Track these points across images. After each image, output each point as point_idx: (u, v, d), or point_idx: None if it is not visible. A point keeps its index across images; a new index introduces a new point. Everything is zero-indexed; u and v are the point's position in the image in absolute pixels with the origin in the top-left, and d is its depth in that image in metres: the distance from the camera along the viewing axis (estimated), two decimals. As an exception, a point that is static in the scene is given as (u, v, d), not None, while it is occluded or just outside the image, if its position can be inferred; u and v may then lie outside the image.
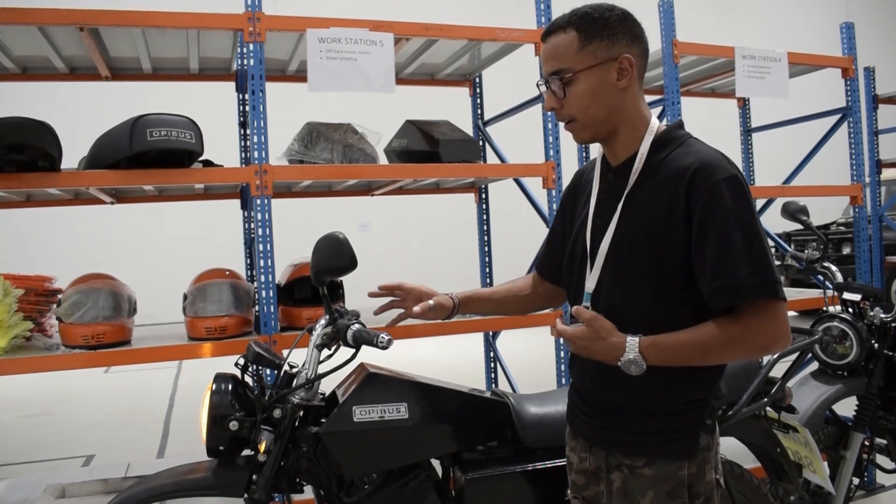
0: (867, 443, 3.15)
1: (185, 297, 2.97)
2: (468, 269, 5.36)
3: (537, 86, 1.71)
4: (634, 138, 1.61)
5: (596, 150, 1.76)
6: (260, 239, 2.84)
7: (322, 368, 1.97)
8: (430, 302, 1.91)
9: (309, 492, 2.09)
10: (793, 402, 2.47)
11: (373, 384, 2.03)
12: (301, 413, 1.97)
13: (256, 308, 3.01)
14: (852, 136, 4.14)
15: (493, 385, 4.37)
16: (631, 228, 1.57)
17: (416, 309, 1.90)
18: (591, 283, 1.62)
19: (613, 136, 1.62)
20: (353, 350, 1.93)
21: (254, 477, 1.91)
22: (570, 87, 1.56)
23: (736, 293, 1.44)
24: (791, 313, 9.60)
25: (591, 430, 1.67)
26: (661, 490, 1.54)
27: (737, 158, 5.07)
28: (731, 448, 2.42)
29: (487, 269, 4.29)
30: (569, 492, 1.79)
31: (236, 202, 3.92)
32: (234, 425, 1.91)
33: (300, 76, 3.81)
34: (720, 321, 1.47)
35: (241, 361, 2.02)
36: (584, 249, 1.66)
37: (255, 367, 2.04)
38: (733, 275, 1.43)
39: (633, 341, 1.49)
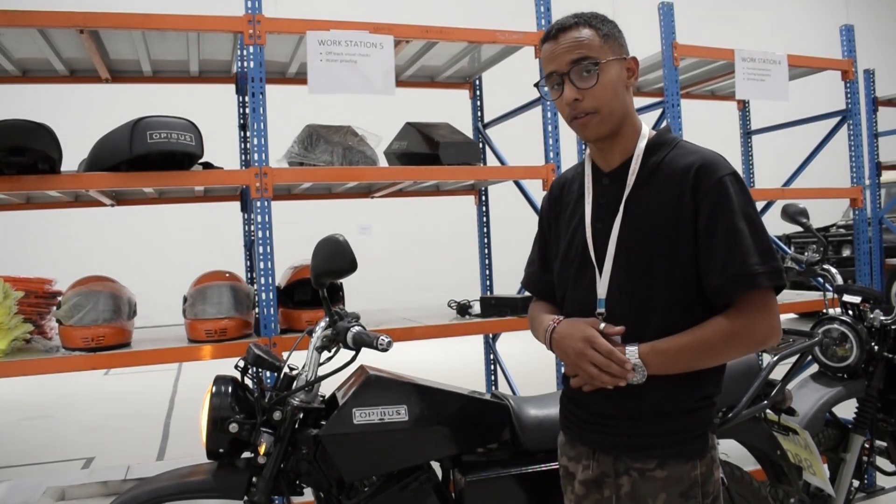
0: (867, 445, 3.15)
1: (185, 299, 2.97)
2: (468, 271, 5.36)
3: (537, 86, 1.70)
4: (631, 141, 1.63)
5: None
6: (260, 241, 2.84)
7: (322, 371, 1.97)
8: None
9: (309, 494, 2.09)
10: (793, 404, 2.47)
11: (373, 386, 2.03)
12: (301, 415, 1.97)
13: (256, 310, 3.01)
14: (852, 138, 4.15)
15: (493, 387, 4.37)
16: (637, 231, 1.57)
17: None
18: (602, 289, 1.61)
19: (617, 135, 1.62)
20: (353, 352, 1.93)
21: (254, 479, 1.92)
22: (592, 75, 1.55)
23: (749, 281, 1.47)
24: (791, 315, 9.59)
25: (595, 438, 1.64)
26: (675, 491, 1.53)
27: (737, 161, 5.08)
28: (731, 450, 2.42)
29: (487, 272, 4.30)
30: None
31: (236, 204, 3.92)
32: (234, 428, 1.91)
33: (300, 78, 3.81)
34: (719, 320, 1.50)
35: (241, 364, 2.02)
36: (583, 255, 1.65)
37: (254, 369, 2.04)
38: (745, 264, 1.47)
39: (632, 349, 1.50)
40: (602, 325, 1.55)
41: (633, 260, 1.57)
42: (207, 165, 2.98)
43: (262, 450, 1.90)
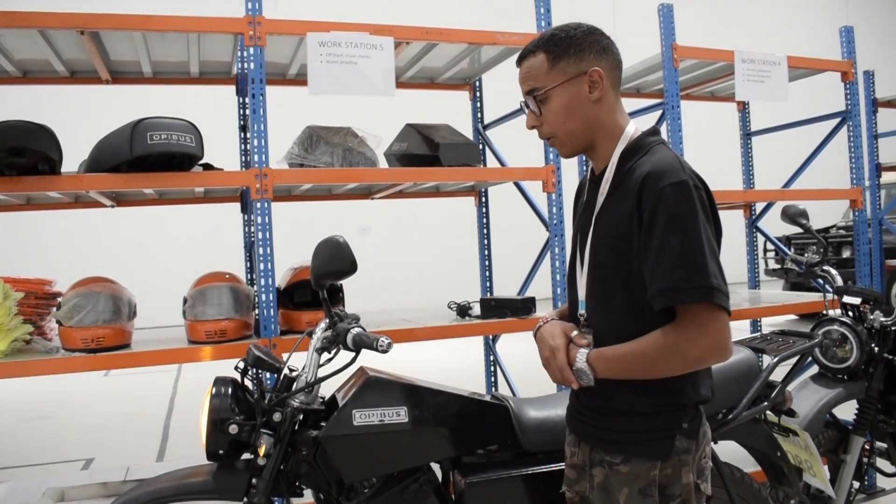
0: (867, 446, 3.15)
1: (185, 300, 2.97)
2: (468, 272, 5.36)
3: (521, 107, 1.76)
4: (612, 148, 1.67)
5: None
6: (260, 242, 2.84)
7: (322, 372, 1.98)
8: None
9: (309, 496, 2.09)
10: (793, 405, 2.47)
11: (373, 388, 2.03)
12: (301, 417, 1.97)
13: (256, 311, 3.01)
14: (852, 139, 4.15)
15: (493, 389, 4.37)
16: (602, 237, 1.63)
17: None
18: (581, 291, 1.69)
19: (593, 148, 1.69)
20: (353, 354, 1.93)
21: (253, 481, 1.92)
22: (545, 104, 1.64)
23: (669, 295, 1.48)
24: (791, 317, 9.59)
25: (580, 427, 1.75)
26: (635, 488, 1.60)
27: (736, 162, 5.09)
28: (731, 452, 2.42)
29: (487, 273, 4.30)
30: (563, 486, 1.84)
31: (236, 205, 3.92)
32: (233, 429, 1.91)
33: (300, 80, 3.81)
34: (656, 333, 1.52)
35: (241, 365, 2.02)
36: (575, 256, 1.74)
37: (254, 370, 2.03)
38: (668, 277, 1.47)
39: (582, 352, 1.58)
40: (574, 333, 1.63)
41: (600, 264, 1.64)
42: (208, 167, 2.98)
43: (261, 451, 1.90)
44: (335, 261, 1.96)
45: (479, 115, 4.29)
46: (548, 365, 1.64)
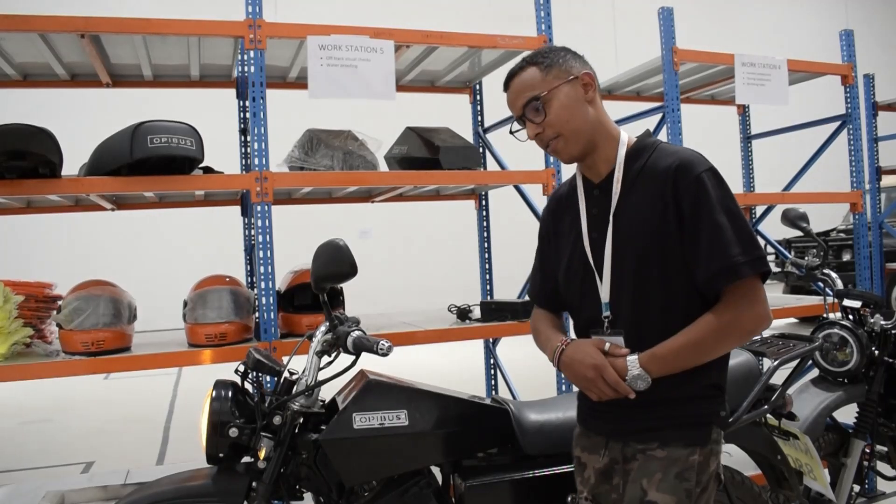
0: (868, 450, 3.15)
1: (185, 303, 2.97)
2: (468, 275, 5.36)
3: (511, 133, 1.83)
4: (612, 150, 1.73)
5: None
6: (260, 245, 2.84)
7: (322, 375, 1.97)
8: None
9: (309, 499, 2.09)
10: (793, 409, 2.47)
11: (373, 391, 2.03)
12: (301, 420, 1.97)
13: (256, 315, 3.01)
14: (852, 142, 4.15)
15: (494, 392, 4.37)
16: (627, 237, 1.66)
17: None
18: (605, 294, 1.70)
19: (595, 149, 1.73)
20: (354, 357, 1.93)
21: (253, 484, 1.92)
22: (546, 107, 1.69)
23: (731, 272, 1.55)
24: (791, 320, 9.58)
25: (608, 427, 1.74)
26: (672, 472, 1.61)
27: (736, 165, 5.08)
28: (731, 455, 2.42)
29: (487, 276, 4.29)
30: (575, 495, 1.83)
31: (237, 209, 3.93)
32: (233, 432, 1.91)
33: (301, 83, 3.81)
34: (707, 317, 1.58)
35: (241, 368, 2.02)
36: (584, 265, 1.74)
37: (254, 373, 2.03)
38: (727, 256, 1.55)
39: (632, 359, 1.61)
40: (607, 346, 1.65)
41: (628, 264, 1.66)
42: (208, 170, 2.99)
43: (261, 454, 1.90)
44: (335, 264, 1.96)
45: (479, 118, 4.29)
46: (592, 384, 1.63)
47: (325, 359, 2.01)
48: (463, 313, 3.40)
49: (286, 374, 1.99)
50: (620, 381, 1.61)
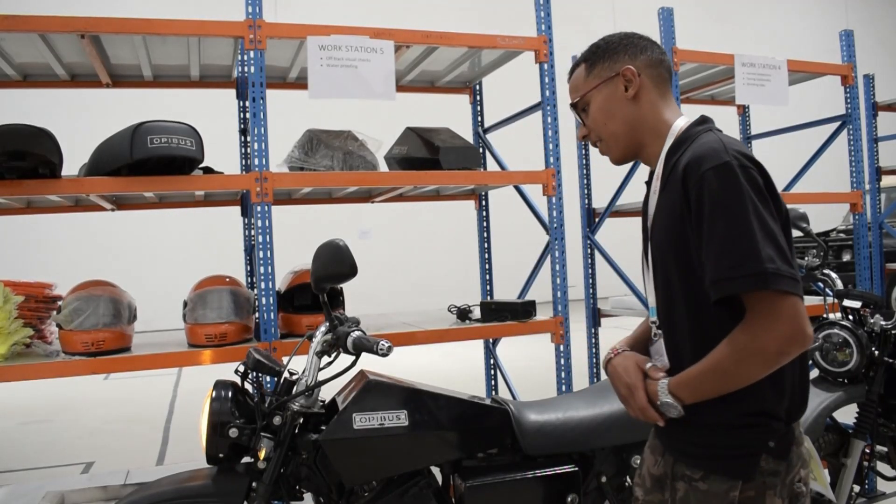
0: (868, 450, 3.14)
1: (185, 303, 2.97)
2: (468, 276, 5.36)
3: (578, 139, 1.83)
4: (661, 146, 1.59)
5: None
6: (260, 246, 2.84)
7: (322, 375, 1.97)
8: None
9: (309, 499, 2.09)
10: (793, 409, 2.46)
11: (373, 391, 2.03)
12: (301, 420, 1.97)
13: (256, 315, 3.01)
14: (852, 143, 4.15)
15: (494, 392, 4.36)
16: (659, 239, 1.56)
17: None
18: (651, 297, 1.62)
19: (642, 148, 1.63)
20: (354, 357, 1.93)
21: (253, 484, 1.92)
22: (587, 111, 1.67)
23: (719, 286, 1.37)
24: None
25: (665, 437, 1.62)
26: None
27: (737, 165, 5.08)
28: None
29: (487, 277, 4.30)
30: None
31: (237, 209, 3.93)
32: (233, 432, 1.91)
33: (301, 83, 3.82)
34: (725, 339, 1.40)
35: (241, 368, 2.02)
36: (643, 264, 1.67)
37: (254, 374, 2.04)
38: (717, 267, 1.37)
39: (662, 384, 1.50)
40: (648, 365, 1.55)
41: (659, 267, 1.56)
42: (208, 170, 2.99)
43: (261, 455, 1.90)
44: (335, 264, 1.96)
45: (479, 118, 4.29)
46: (626, 403, 1.58)
47: (325, 359, 2.01)
48: (463, 313, 3.40)
49: (286, 374, 1.99)
50: (648, 406, 1.51)
